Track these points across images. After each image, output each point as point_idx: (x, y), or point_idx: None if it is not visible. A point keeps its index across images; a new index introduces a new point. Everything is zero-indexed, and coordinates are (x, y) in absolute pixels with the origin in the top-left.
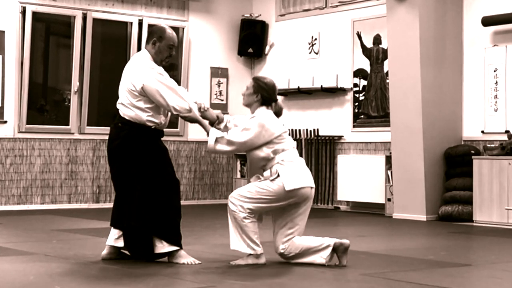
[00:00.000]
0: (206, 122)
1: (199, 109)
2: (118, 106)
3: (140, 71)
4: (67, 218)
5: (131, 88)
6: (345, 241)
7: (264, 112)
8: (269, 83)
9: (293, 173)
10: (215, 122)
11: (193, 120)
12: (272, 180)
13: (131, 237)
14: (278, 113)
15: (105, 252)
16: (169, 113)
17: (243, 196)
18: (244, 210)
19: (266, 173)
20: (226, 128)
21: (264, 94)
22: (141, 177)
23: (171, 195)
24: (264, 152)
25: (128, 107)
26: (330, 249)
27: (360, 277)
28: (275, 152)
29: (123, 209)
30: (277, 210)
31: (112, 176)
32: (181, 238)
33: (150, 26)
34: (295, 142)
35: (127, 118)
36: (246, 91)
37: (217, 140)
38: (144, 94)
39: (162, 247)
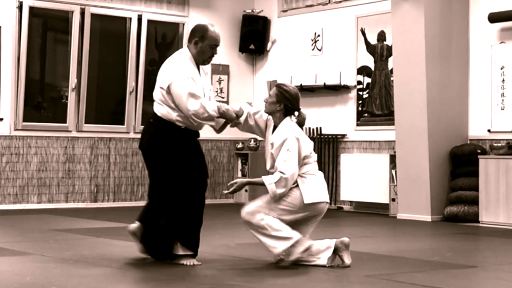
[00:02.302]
0: (255, 179)
1: (218, 111)
2: (154, 102)
3: (172, 70)
4: (64, 217)
5: (161, 85)
6: (345, 239)
7: (291, 126)
8: (292, 93)
9: (312, 186)
10: (234, 120)
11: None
12: (290, 189)
13: (154, 236)
14: (301, 124)
15: (134, 225)
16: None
17: (257, 206)
18: (260, 212)
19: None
20: (246, 123)
21: (287, 104)
22: (167, 177)
23: (193, 198)
24: None
25: (160, 103)
26: (331, 250)
27: (363, 278)
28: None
29: (152, 207)
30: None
31: (148, 172)
32: (198, 243)
33: (149, 21)
34: (316, 155)
35: (159, 114)
36: (269, 98)
37: (276, 186)
38: (170, 93)
39: (178, 249)
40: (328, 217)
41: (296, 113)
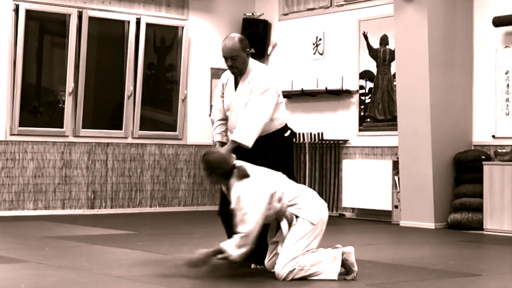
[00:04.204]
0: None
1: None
2: None
3: None
4: (61, 224)
5: None
6: (349, 250)
7: (240, 184)
8: (212, 160)
9: (308, 207)
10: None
11: None
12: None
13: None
14: (244, 177)
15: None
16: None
17: (285, 258)
18: (294, 263)
19: (284, 226)
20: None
21: (218, 172)
22: None
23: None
24: (271, 208)
25: None
26: (339, 262)
27: (366, 287)
28: (279, 200)
29: None
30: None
31: None
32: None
33: (148, 25)
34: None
35: None
36: (208, 177)
37: (238, 248)
38: None
39: None
40: (329, 225)
41: (235, 171)
